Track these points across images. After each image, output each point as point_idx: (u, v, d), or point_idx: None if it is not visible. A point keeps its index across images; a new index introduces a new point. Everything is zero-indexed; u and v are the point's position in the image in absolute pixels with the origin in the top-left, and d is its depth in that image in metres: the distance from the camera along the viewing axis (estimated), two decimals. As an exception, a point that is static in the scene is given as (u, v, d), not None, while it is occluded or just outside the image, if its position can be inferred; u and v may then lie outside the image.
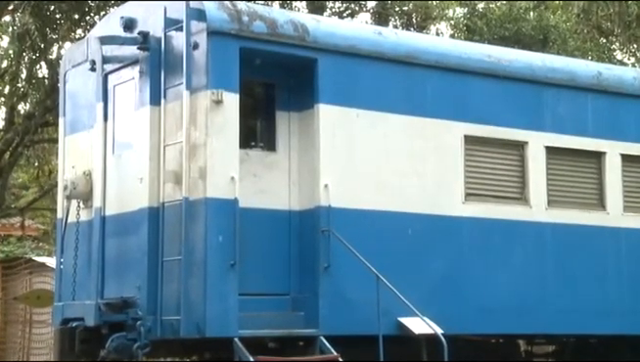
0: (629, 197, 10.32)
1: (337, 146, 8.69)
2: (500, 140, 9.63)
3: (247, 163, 8.44)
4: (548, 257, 9.73)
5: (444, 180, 9.25)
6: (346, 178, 8.70)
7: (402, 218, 8.96)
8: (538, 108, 9.89)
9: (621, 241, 10.13)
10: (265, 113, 8.82)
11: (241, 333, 7.81)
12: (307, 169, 8.69)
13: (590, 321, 9.81)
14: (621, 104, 10.37)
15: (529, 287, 9.55)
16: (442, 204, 9.20)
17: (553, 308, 9.62)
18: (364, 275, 8.15)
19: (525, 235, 9.63)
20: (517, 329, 9.60)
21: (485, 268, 9.33)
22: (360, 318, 8.32)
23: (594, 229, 10.00)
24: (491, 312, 9.21)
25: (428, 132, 9.21)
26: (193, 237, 7.97)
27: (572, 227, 9.89)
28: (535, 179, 9.74)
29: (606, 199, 10.15)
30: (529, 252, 9.65)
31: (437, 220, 9.14)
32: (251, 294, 8.20)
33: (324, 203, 8.52)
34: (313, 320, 8.31)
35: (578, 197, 10.09)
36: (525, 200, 9.70)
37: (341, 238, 8.31)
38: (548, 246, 9.75)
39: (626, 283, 10.08)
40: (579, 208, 10.01)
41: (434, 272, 9.02)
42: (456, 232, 9.24)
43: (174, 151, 8.20)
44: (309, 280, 8.50)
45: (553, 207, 9.82)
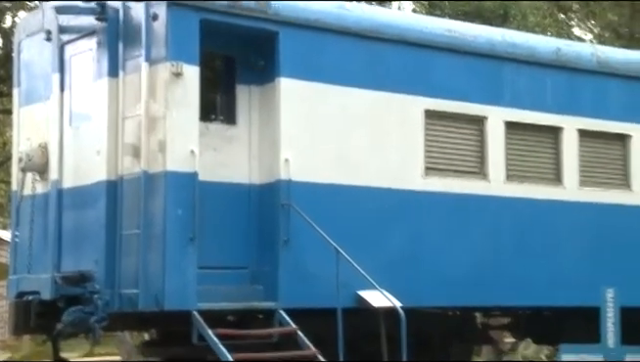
0: (585, 172, 10.46)
1: (297, 120, 8.66)
2: (460, 115, 9.68)
3: (207, 137, 8.38)
4: (505, 231, 9.85)
5: (405, 154, 9.28)
6: (307, 152, 8.68)
7: (362, 192, 8.99)
8: (498, 83, 9.95)
9: (577, 215, 10.28)
10: (226, 87, 8.75)
11: (199, 306, 7.79)
12: (268, 143, 8.65)
13: (545, 293, 9.96)
14: (579, 80, 10.48)
15: (487, 260, 9.66)
16: (402, 179, 9.24)
17: (509, 281, 9.75)
18: (324, 249, 8.17)
19: (483, 209, 9.72)
20: (474, 301, 9.72)
21: (444, 242, 9.41)
22: (319, 291, 8.35)
23: (551, 203, 10.14)
24: (449, 285, 9.30)
25: (389, 106, 9.22)
26: (152, 210, 7.91)
27: (530, 201, 10.00)
28: (494, 154, 9.82)
29: (563, 173, 10.27)
30: (487, 226, 9.75)
31: (397, 194, 9.18)
32: (211, 268, 8.18)
33: (284, 176, 8.50)
34: (272, 293, 8.32)
35: (536, 171, 10.20)
36: (484, 174, 9.78)
37: (301, 211, 8.31)
38: (506, 219, 9.86)
39: (581, 256, 10.24)
40: (537, 183, 10.13)
41: (393, 246, 9.07)
42: (416, 206, 9.30)
43: (133, 123, 8.11)
44: (269, 253, 8.50)
45: (511, 182, 9.92)
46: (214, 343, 7.51)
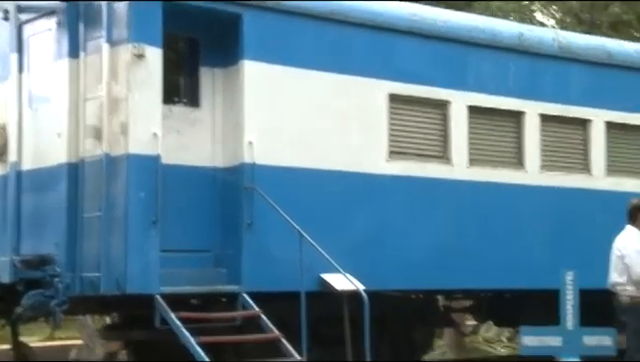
0: (547, 156, 10.55)
1: (261, 103, 8.61)
2: (424, 99, 9.69)
3: (170, 119, 8.29)
4: (468, 215, 9.90)
5: (369, 138, 9.28)
6: (271, 135, 8.64)
7: (326, 176, 8.97)
8: (461, 67, 9.97)
9: (539, 199, 10.38)
10: (189, 69, 8.66)
11: (162, 289, 7.73)
12: (231, 126, 8.59)
13: (506, 276, 10.04)
14: (541, 64, 10.55)
15: (450, 243, 9.71)
16: (366, 162, 9.25)
17: (472, 264, 9.81)
18: (287, 232, 8.14)
19: (446, 193, 9.76)
20: (436, 284, 9.77)
21: (407, 225, 9.44)
22: (283, 275, 8.33)
23: (513, 187, 10.21)
24: (412, 268, 9.34)
25: (353, 90, 9.20)
26: (114, 193, 7.81)
27: (492, 185, 10.07)
28: (457, 138, 9.85)
29: (525, 157, 10.35)
30: (450, 210, 9.80)
31: (361, 178, 9.19)
32: (174, 251, 8.11)
33: (248, 160, 8.45)
34: (236, 277, 8.29)
35: (498, 155, 10.26)
36: (448, 158, 9.82)
37: (264, 195, 8.27)
38: (468, 203, 9.91)
39: (542, 239, 10.34)
40: (499, 167, 10.19)
41: (356, 229, 9.08)
42: (379, 190, 9.31)
43: (94, 105, 7.99)
44: (232, 237, 8.45)
45: (474, 166, 9.97)
46: (177, 327, 7.46)
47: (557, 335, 8.24)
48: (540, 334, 8.32)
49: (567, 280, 8.28)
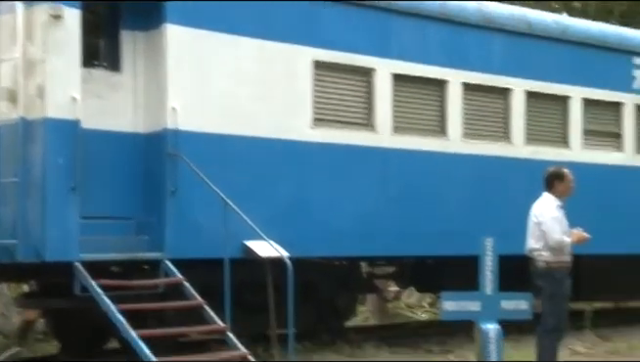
0: (469, 124, 10.65)
1: (185, 68, 8.44)
2: (349, 66, 9.65)
3: (89, 83, 8.05)
4: (391, 182, 9.95)
5: (293, 105, 9.21)
6: (195, 101, 8.48)
7: (250, 143, 8.87)
8: (386, 35, 9.95)
9: (461, 166, 10.48)
10: (109, 32, 8.41)
11: (82, 257, 7.55)
12: (154, 91, 8.40)
13: (428, 243, 10.14)
14: (464, 33, 10.60)
15: (373, 211, 9.75)
16: (291, 130, 9.18)
17: (394, 231, 9.87)
18: (211, 199, 8.04)
19: (370, 160, 9.78)
20: (360, 251, 9.81)
21: (331, 193, 9.43)
22: (207, 241, 8.24)
23: (436, 155, 10.29)
24: (336, 235, 9.35)
25: (278, 56, 9.09)
26: (31, 158, 7.56)
27: (416, 153, 10.13)
28: (382, 106, 9.86)
29: (447, 126, 10.43)
30: (374, 178, 9.83)
31: (286, 145, 9.12)
32: (94, 218, 7.93)
33: (171, 126, 8.28)
34: (158, 244, 8.15)
35: (422, 123, 10.31)
36: (372, 126, 9.83)
37: (188, 161, 8.14)
38: (392, 171, 9.96)
39: (463, 206, 10.47)
40: (422, 135, 10.25)
41: (281, 196, 9.03)
42: (304, 157, 9.26)
43: (9, 67, 7.70)
44: (155, 204, 8.30)
45: (398, 134, 10.01)
46: (98, 294, 7.31)
47: (476, 300, 8.34)
48: (460, 299, 8.40)
49: (486, 246, 8.36)
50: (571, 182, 7.59)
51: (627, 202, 11.45)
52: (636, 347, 9.99)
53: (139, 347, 6.99)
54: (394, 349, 9.89)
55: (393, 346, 10.07)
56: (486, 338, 8.16)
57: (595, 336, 10.46)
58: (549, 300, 7.35)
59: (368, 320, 14.65)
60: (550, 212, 7.38)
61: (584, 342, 10.14)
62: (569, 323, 7.63)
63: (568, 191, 7.57)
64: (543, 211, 7.41)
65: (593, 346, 10.07)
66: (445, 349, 10.07)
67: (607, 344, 10.26)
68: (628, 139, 12.08)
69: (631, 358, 9.41)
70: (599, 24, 12.50)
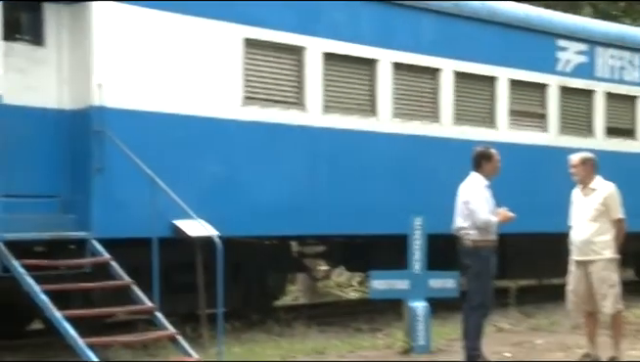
0: (399, 104, 10.70)
1: (111, 43, 8.24)
2: (279, 44, 9.58)
3: (11, 57, 7.80)
4: (321, 161, 9.93)
5: (223, 83, 9.10)
6: (122, 78, 8.30)
7: (179, 120, 8.74)
8: (316, 14, 9.90)
9: (391, 145, 10.52)
10: (32, 5, 8.15)
11: (4, 236, 7.33)
12: (80, 67, 8.19)
13: (358, 222, 10.18)
14: (394, 13, 10.61)
15: (303, 190, 9.73)
16: (221, 108, 9.07)
17: (324, 210, 9.88)
18: (139, 177, 7.88)
19: (301, 139, 9.74)
20: (290, 230, 9.79)
21: (262, 171, 9.37)
22: (135, 220, 8.09)
23: (366, 134, 10.31)
24: (266, 214, 9.30)
25: (208, 34, 8.96)
26: (-51, 134, 7.32)
27: (346, 132, 10.13)
28: (312, 84, 9.83)
29: (377, 105, 10.45)
30: (304, 156, 9.80)
31: (215, 123, 9.01)
32: (17, 196, 7.71)
33: (97, 102, 8.10)
34: (85, 223, 7.97)
35: (352, 103, 10.32)
36: (302, 104, 9.78)
37: (115, 139, 7.97)
38: (322, 150, 9.94)
39: (393, 186, 10.53)
40: (353, 114, 10.26)
41: (210, 175, 8.93)
42: (234, 135, 9.17)
43: None
44: (81, 182, 8.12)
45: (328, 113, 9.99)
46: (20, 275, 7.11)
47: (405, 278, 8.44)
48: (389, 278, 8.50)
49: (415, 225, 8.47)
50: (498, 162, 7.68)
51: (551, 181, 11.65)
52: (557, 323, 10.23)
53: (64, 328, 6.83)
54: (324, 328, 9.93)
55: (323, 325, 10.11)
56: (414, 315, 8.27)
57: (519, 312, 10.68)
58: (475, 278, 7.44)
59: (298, 299, 14.67)
60: (477, 192, 7.46)
61: (509, 319, 10.34)
62: (494, 300, 7.75)
63: (495, 171, 7.66)
64: (471, 191, 7.49)
65: (517, 323, 10.28)
66: (374, 327, 10.15)
67: (530, 321, 10.48)
68: (552, 120, 12.31)
69: (552, 333, 9.63)
70: (525, 7, 12.67)
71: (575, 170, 7.68)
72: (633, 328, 9.68)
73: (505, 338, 9.27)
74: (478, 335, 7.51)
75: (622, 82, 13.18)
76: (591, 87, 12.78)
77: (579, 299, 7.64)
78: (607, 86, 12.96)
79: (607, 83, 12.96)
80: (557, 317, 10.53)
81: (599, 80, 12.86)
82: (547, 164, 11.74)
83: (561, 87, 12.38)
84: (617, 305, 7.49)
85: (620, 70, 13.15)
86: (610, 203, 7.52)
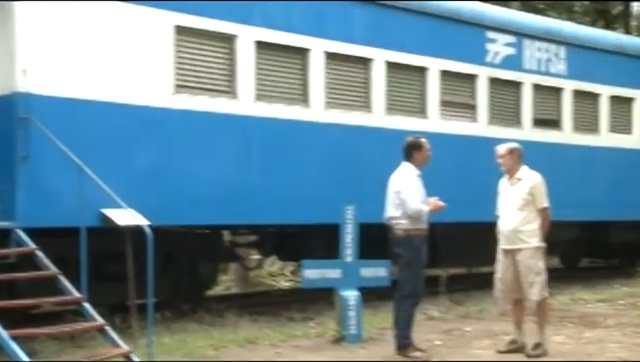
0: (331, 93, 10.68)
1: (37, 29, 8.00)
2: (211, 32, 9.46)
3: None
4: (254, 150, 9.86)
5: (154, 71, 8.93)
6: (48, 64, 8.07)
7: (108, 108, 8.56)
8: (249, 2, 9.79)
9: (323, 135, 10.51)
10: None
11: None
12: (3, 53, 7.93)
13: (290, 211, 10.14)
14: (327, 3, 10.57)
15: (235, 179, 9.64)
16: (151, 95, 8.91)
17: (257, 199, 9.81)
18: (67, 166, 7.67)
19: (232, 128, 9.64)
20: (222, 220, 9.69)
21: (193, 160, 9.24)
22: (62, 210, 7.88)
23: (298, 123, 10.27)
24: (198, 203, 9.19)
25: (138, 20, 8.78)
26: None
27: (278, 121, 10.07)
28: (244, 73, 9.73)
29: (310, 94, 10.42)
30: (236, 145, 9.71)
31: (146, 111, 8.84)
32: None
33: (22, 89, 7.86)
34: (9, 212, 7.74)
35: (285, 92, 10.26)
36: (234, 93, 9.69)
37: (41, 126, 7.75)
38: (254, 139, 9.86)
39: (325, 175, 10.51)
40: (285, 103, 10.20)
41: (141, 163, 8.77)
42: (165, 123, 9.01)
43: None
44: (6, 170, 7.87)
45: (260, 101, 9.91)
46: (-60, 266, 6.89)
47: (337, 267, 8.44)
48: (321, 267, 8.49)
49: (347, 214, 8.47)
50: (429, 151, 7.73)
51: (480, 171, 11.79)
52: (485, 310, 10.40)
53: (-12, 320, 6.62)
54: (256, 318, 9.89)
55: (255, 315, 10.06)
56: (346, 304, 8.28)
57: (449, 300, 10.80)
58: (407, 267, 7.49)
59: (230, 289, 14.59)
60: (409, 181, 7.50)
61: (439, 307, 10.45)
62: (425, 289, 7.81)
63: (425, 160, 7.71)
64: (402, 180, 7.52)
65: (447, 311, 10.40)
66: (306, 317, 10.15)
67: (459, 309, 10.62)
68: (482, 110, 12.47)
69: (481, 321, 9.77)
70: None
71: (502, 160, 7.78)
72: (558, 314, 9.89)
73: (435, 325, 9.36)
74: (408, 323, 7.56)
75: (549, 74, 13.43)
76: (519, 79, 12.98)
77: (507, 287, 7.75)
78: (534, 78, 13.18)
79: (534, 75, 13.18)
80: (485, 305, 10.69)
81: (526, 72, 13.08)
82: (477, 154, 11.88)
83: (490, 78, 12.54)
84: (543, 293, 7.63)
85: (547, 63, 13.39)
86: (535, 192, 7.65)
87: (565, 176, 13.10)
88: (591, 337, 8.55)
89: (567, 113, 13.71)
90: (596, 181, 13.94)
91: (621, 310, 10.56)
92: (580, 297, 11.73)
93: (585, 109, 14.11)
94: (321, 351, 7.91)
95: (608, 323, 9.47)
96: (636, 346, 8.00)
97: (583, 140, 13.92)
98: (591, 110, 14.20)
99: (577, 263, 17.57)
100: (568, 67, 13.64)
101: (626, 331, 8.92)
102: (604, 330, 9.00)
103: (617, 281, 13.82)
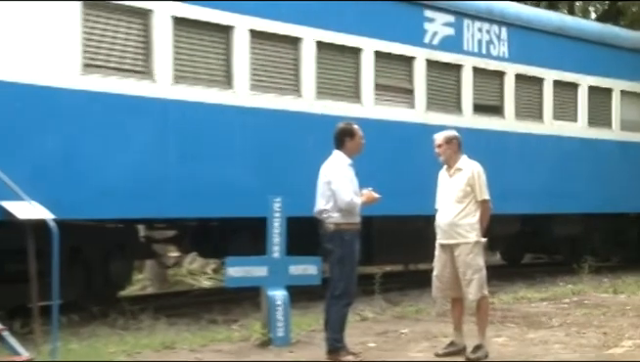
0: (258, 75, 10.59)
1: None
2: (122, 6, 9.28)
3: None
4: (172, 136, 9.72)
5: (59, 48, 8.72)
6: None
7: (6, 89, 8.32)
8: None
9: (248, 120, 10.42)
10: None
11: None
12: None
13: (212, 204, 10.04)
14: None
15: (151, 168, 9.48)
16: (56, 75, 8.70)
17: (175, 191, 9.67)
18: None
19: (148, 112, 9.49)
20: (136, 213, 9.54)
21: (104, 147, 9.07)
22: (-46, 203, 7.67)
23: (221, 107, 10.16)
24: (109, 196, 9.02)
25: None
26: None
27: (199, 105, 9.94)
28: (161, 52, 9.57)
29: (233, 76, 10.31)
30: (152, 131, 9.55)
31: (49, 92, 8.63)
32: None
33: None
34: None
35: (206, 73, 10.13)
36: (149, 74, 9.52)
37: None
38: (172, 124, 9.72)
39: (251, 164, 10.44)
40: (207, 86, 10.08)
41: (44, 151, 8.57)
42: (71, 106, 8.82)
43: None
44: None
45: (179, 84, 9.77)
46: None
47: (263, 265, 8.38)
48: (246, 264, 8.42)
49: (274, 207, 8.41)
50: (362, 139, 7.72)
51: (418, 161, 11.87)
52: (423, 311, 10.48)
53: None
54: (174, 320, 9.78)
55: (173, 317, 9.95)
56: (273, 305, 8.23)
57: (384, 300, 10.86)
58: (338, 264, 7.47)
59: (145, 289, 14.44)
60: (340, 171, 7.48)
61: (373, 307, 10.49)
62: (358, 288, 7.82)
63: (358, 148, 7.69)
64: (333, 170, 7.50)
65: (382, 311, 10.44)
66: (230, 319, 10.08)
67: (395, 309, 10.68)
68: (419, 95, 12.52)
69: (418, 322, 9.85)
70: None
71: (440, 150, 7.82)
72: (499, 314, 10.03)
73: (369, 327, 9.39)
74: (341, 325, 7.55)
75: (490, 57, 13.58)
76: (459, 61, 13.09)
77: (444, 285, 7.81)
78: (475, 61, 13.32)
79: (475, 58, 13.32)
80: (423, 304, 10.78)
81: (467, 54, 13.20)
82: (414, 142, 11.96)
83: (428, 61, 12.61)
84: (483, 291, 7.70)
85: (488, 45, 13.54)
86: (475, 183, 7.69)
87: (507, 166, 13.32)
88: (534, 338, 8.69)
89: (509, 98, 13.90)
90: (539, 171, 14.20)
91: (566, 309, 10.77)
92: (523, 296, 11.92)
93: (528, 94, 14.34)
94: (246, 356, 7.86)
95: (552, 323, 9.64)
96: (581, 347, 8.16)
97: (526, 127, 14.15)
98: (535, 95, 14.44)
99: (520, 260, 17.91)
100: (510, 49, 13.82)
101: (571, 331, 9.10)
102: (548, 330, 9.16)
103: (561, 278, 14.11)
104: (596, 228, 15.96)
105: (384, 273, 11.26)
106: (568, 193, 14.61)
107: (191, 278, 15.56)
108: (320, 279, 8.50)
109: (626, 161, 15.76)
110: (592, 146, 15.17)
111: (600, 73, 15.37)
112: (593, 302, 11.34)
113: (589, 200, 14.95)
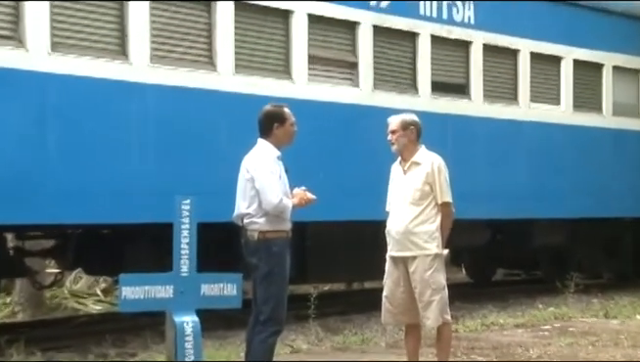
0: (160, 44, 10.55)
1: None
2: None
3: None
4: (50, 121, 9.64)
5: None
6: None
7: None
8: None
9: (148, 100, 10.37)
10: None
11: None
12: None
13: (102, 206, 9.97)
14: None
15: (23, 161, 9.41)
16: None
17: (55, 190, 9.62)
18: None
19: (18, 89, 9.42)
20: (3, 218, 9.45)
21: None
22: None
23: (113, 84, 10.08)
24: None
25: None
26: None
27: (84, 81, 9.83)
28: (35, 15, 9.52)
29: (128, 45, 10.25)
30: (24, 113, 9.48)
31: None
32: None
33: None
34: None
35: (92, 41, 10.05)
36: (21, 41, 9.47)
37: None
38: (50, 105, 9.66)
39: (150, 156, 10.38)
40: (94, 56, 10.00)
41: None
42: None
43: None
44: None
45: (58, 53, 9.70)
46: None
47: (168, 283, 8.35)
48: (146, 282, 8.36)
49: (182, 210, 8.37)
50: (293, 125, 7.73)
51: (364, 153, 11.98)
52: (370, 340, 10.57)
53: None
54: (52, 354, 9.73)
55: (51, 351, 9.91)
56: (181, 334, 8.22)
57: (321, 327, 10.93)
58: (264, 282, 7.50)
59: (16, 315, 14.30)
60: (266, 166, 7.49)
61: (308, 337, 10.57)
62: (289, 312, 7.86)
63: (288, 137, 7.70)
64: (257, 164, 7.50)
65: (319, 342, 10.52)
66: (125, 352, 10.07)
67: (335, 338, 10.75)
68: (365, 70, 12.59)
69: (364, 354, 9.93)
70: None
71: (394, 137, 7.86)
72: (465, 345, 10.17)
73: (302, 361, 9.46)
74: (266, 358, 7.59)
75: (453, 23, 13.71)
76: (414, 28, 13.20)
77: (397, 309, 7.88)
78: (433, 28, 13.43)
79: (433, 24, 13.44)
80: (370, 333, 10.87)
81: (424, 19, 13.31)
82: (358, 130, 12.05)
83: (375, 27, 12.69)
84: (444, 316, 7.79)
85: (450, 8, 13.67)
86: (435, 181, 7.76)
87: (474, 160, 13.49)
88: (507, 373, 8.85)
89: (476, 75, 14.06)
90: (514, 167, 14.41)
91: (546, 338, 10.96)
92: (494, 322, 12.10)
93: (500, 70, 14.52)
94: (145, 401, 7.86)
95: (529, 355, 9.81)
96: (565, 385, 8.33)
97: (498, 112, 14.33)
98: (508, 71, 14.63)
99: (490, 277, 18.17)
100: (477, 13, 13.97)
101: (552, 364, 9.28)
102: (524, 364, 9.33)
103: (541, 299, 14.35)
104: (583, 236, 16.22)
105: (320, 293, 11.35)
106: (549, 193, 14.84)
107: (75, 301, 15.47)
108: (240, 301, 8.52)
109: (619, 154, 16.06)
110: (578, 134, 15.44)
111: (588, 45, 15.63)
112: (579, 329, 11.56)
113: (575, 201, 15.21)
